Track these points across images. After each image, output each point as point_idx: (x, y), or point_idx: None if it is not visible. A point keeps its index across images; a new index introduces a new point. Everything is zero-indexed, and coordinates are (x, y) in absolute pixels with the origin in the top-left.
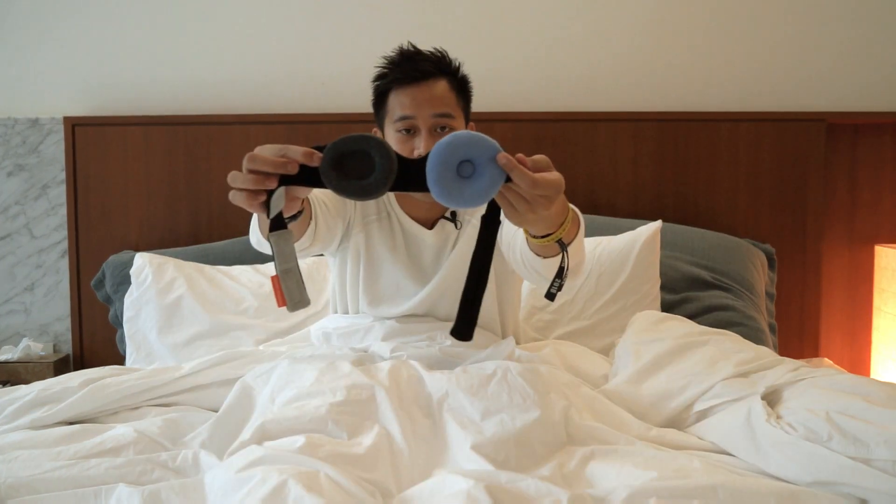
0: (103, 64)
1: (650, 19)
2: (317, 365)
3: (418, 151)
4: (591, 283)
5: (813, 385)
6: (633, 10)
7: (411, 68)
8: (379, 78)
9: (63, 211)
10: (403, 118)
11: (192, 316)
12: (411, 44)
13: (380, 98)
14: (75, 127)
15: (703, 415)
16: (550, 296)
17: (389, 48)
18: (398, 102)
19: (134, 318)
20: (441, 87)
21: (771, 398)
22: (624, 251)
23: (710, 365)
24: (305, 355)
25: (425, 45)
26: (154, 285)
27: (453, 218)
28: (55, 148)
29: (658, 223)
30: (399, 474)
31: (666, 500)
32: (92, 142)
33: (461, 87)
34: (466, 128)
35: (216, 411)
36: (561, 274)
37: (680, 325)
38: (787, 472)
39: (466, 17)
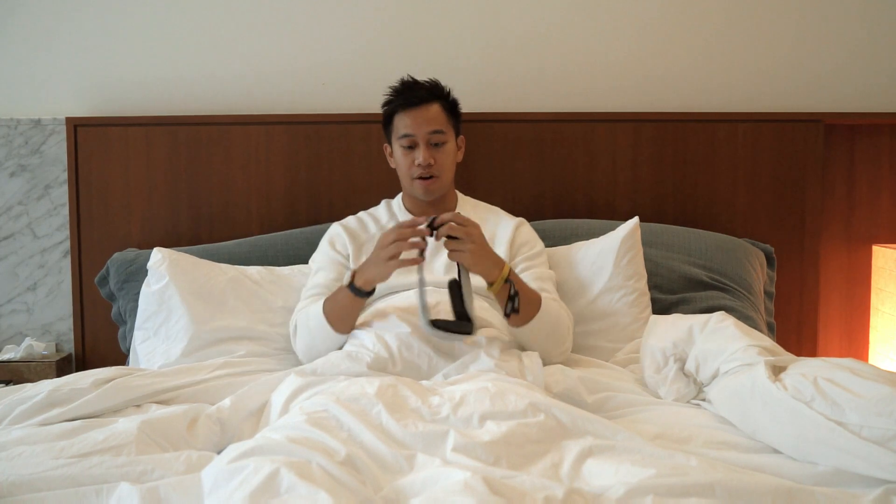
0: (105, 65)
1: (649, 20)
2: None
3: (418, 161)
4: (574, 282)
5: (815, 359)
6: (633, 12)
7: (411, 95)
8: (386, 104)
9: (65, 211)
10: (406, 136)
11: (215, 314)
12: (410, 76)
13: (387, 119)
14: (77, 127)
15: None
16: (507, 316)
17: (389, 49)
18: (402, 123)
19: (155, 312)
20: (434, 109)
21: (779, 370)
22: (605, 251)
23: (743, 334)
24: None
25: (425, 46)
26: (175, 281)
27: None
28: (57, 148)
29: (635, 220)
30: (385, 471)
31: (663, 498)
32: (94, 142)
33: (451, 108)
34: (457, 141)
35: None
36: (513, 301)
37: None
38: (773, 435)
39: (466, 19)
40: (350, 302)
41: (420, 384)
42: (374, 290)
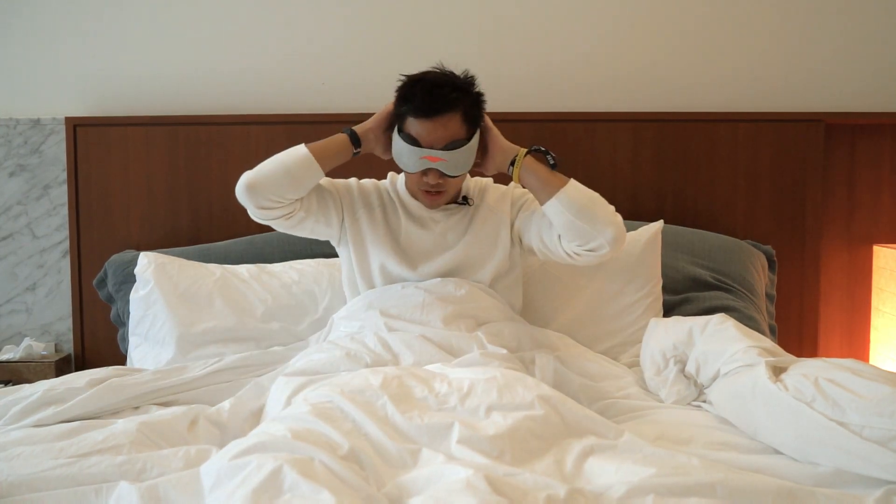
0: (104, 64)
1: (649, 21)
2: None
3: (426, 178)
4: (592, 284)
5: (816, 360)
6: (633, 12)
7: (427, 104)
8: (400, 99)
9: (64, 211)
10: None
11: (201, 316)
12: (434, 70)
13: (397, 110)
14: (76, 127)
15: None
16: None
17: (389, 49)
18: (413, 128)
19: (143, 317)
20: (454, 121)
21: (779, 370)
22: (625, 251)
23: (743, 335)
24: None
25: (424, 46)
26: (159, 286)
27: (465, 201)
28: (57, 148)
29: (659, 223)
30: (389, 466)
31: (664, 497)
32: (93, 142)
33: (473, 110)
34: (478, 129)
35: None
36: (549, 154)
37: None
38: (774, 436)
39: (467, 19)
40: (337, 144)
41: (426, 370)
42: (360, 144)
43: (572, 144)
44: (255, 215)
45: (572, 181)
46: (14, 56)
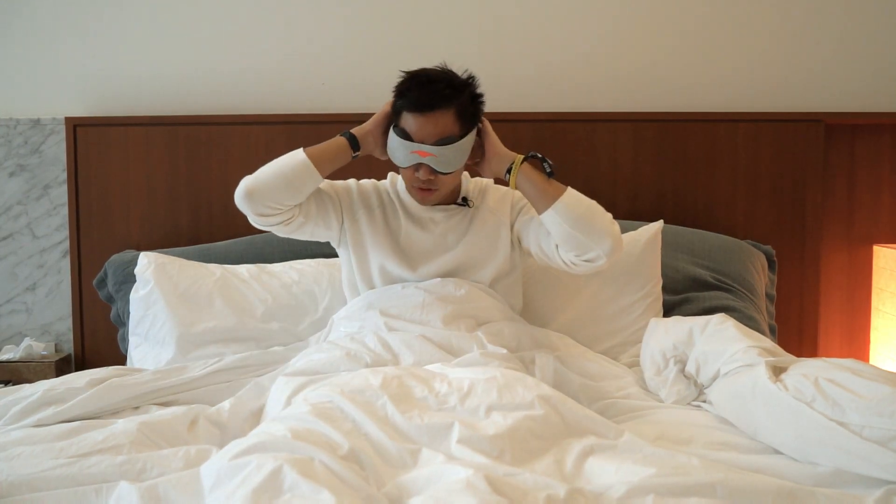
0: (104, 64)
1: (649, 20)
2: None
3: (418, 174)
4: (592, 284)
5: (816, 360)
6: (632, 12)
7: (421, 99)
8: (397, 95)
9: (64, 211)
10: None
11: (201, 316)
12: (438, 68)
13: (397, 111)
14: (76, 127)
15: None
16: (550, 173)
17: (389, 49)
18: (406, 122)
19: (143, 317)
20: (447, 117)
21: (779, 370)
22: (625, 251)
23: (743, 335)
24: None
25: (425, 46)
26: (159, 286)
27: (465, 202)
28: (57, 148)
29: (659, 223)
30: (389, 466)
31: (664, 497)
32: (93, 142)
33: (468, 109)
34: (475, 129)
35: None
36: (546, 162)
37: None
38: (774, 436)
39: (467, 19)
40: (335, 148)
41: (426, 369)
42: (359, 147)
43: (572, 144)
44: (255, 221)
45: (569, 190)
46: (14, 56)
